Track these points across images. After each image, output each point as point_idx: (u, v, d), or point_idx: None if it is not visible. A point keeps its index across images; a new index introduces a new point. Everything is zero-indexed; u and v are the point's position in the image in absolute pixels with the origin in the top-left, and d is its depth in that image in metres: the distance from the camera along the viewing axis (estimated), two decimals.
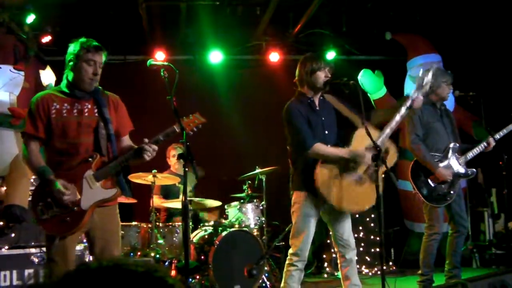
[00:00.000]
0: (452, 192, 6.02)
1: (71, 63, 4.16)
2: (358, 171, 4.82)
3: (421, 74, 5.07)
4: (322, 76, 4.94)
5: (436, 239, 6.18)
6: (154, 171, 6.81)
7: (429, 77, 5.03)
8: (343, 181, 4.79)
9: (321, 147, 4.81)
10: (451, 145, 6.10)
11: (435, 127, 6.01)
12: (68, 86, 4.20)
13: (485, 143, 6.20)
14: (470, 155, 6.19)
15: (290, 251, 4.99)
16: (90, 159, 4.09)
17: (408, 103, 4.94)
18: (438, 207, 6.05)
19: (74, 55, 4.13)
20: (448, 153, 6.10)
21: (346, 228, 4.99)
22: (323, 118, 5.00)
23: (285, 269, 5.02)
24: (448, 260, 6.31)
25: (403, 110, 4.91)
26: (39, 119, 4.12)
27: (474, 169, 6.22)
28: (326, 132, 4.98)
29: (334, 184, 4.77)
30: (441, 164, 6.03)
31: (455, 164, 6.11)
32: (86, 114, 4.15)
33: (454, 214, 6.19)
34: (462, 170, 6.13)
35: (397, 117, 4.90)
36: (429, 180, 6.04)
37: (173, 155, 7.86)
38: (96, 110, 4.19)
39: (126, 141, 4.40)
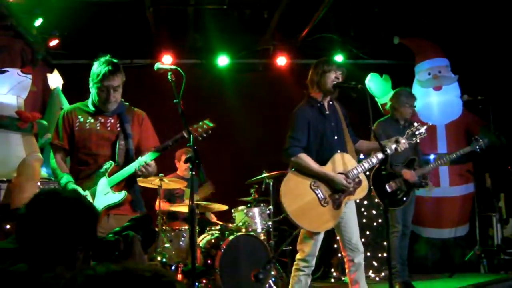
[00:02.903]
0: (405, 199, 6.63)
1: (90, 85, 4.40)
2: (324, 192, 4.84)
3: (416, 125, 5.31)
4: (332, 76, 4.95)
5: (397, 236, 6.71)
6: (161, 174, 6.80)
7: (422, 130, 5.25)
8: (307, 195, 4.82)
9: (304, 158, 4.83)
10: (411, 158, 6.69)
11: None
12: (93, 104, 4.43)
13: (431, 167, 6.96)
14: (425, 170, 6.84)
15: (298, 256, 4.97)
16: (105, 167, 4.30)
17: (393, 147, 5.05)
18: (394, 209, 6.63)
19: (91, 79, 4.37)
20: (408, 165, 6.67)
21: (354, 232, 4.97)
22: (332, 124, 5.01)
23: (292, 274, 5.01)
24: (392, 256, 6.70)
25: (387, 151, 5.00)
26: (64, 131, 4.42)
27: (428, 181, 6.90)
28: (336, 137, 4.99)
29: (297, 196, 4.81)
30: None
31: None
32: (108, 128, 4.39)
33: (403, 218, 6.81)
34: (417, 181, 6.73)
35: (376, 158, 5.01)
36: (387, 187, 6.52)
37: (183, 160, 7.85)
38: (118, 125, 4.40)
39: None
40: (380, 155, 4.95)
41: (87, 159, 4.34)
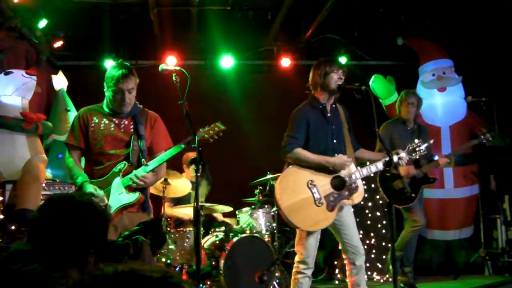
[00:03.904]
0: (413, 195, 6.67)
1: (105, 89, 4.49)
2: (320, 193, 4.83)
3: (417, 142, 5.26)
4: (335, 77, 4.94)
5: (417, 231, 6.89)
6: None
7: (422, 147, 5.20)
8: (302, 193, 4.82)
9: (301, 151, 4.85)
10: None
11: (403, 143, 6.01)
12: (107, 106, 4.53)
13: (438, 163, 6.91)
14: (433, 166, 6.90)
15: (297, 258, 4.95)
16: (119, 167, 4.41)
17: (395, 158, 4.98)
18: (402, 207, 6.76)
19: (105, 83, 4.46)
20: (415, 163, 6.65)
21: (354, 235, 4.96)
22: (333, 126, 5.00)
23: (292, 277, 4.99)
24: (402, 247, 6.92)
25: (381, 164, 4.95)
26: (80, 131, 4.50)
27: (435, 177, 6.96)
28: (335, 141, 4.98)
29: (293, 192, 4.83)
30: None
31: (418, 172, 6.73)
32: (122, 130, 4.49)
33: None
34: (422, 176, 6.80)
35: (376, 167, 4.96)
36: (393, 186, 6.65)
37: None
38: (132, 127, 4.50)
39: None
40: (380, 165, 4.92)
41: (102, 159, 4.44)
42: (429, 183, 6.85)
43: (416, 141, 5.30)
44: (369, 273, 7.75)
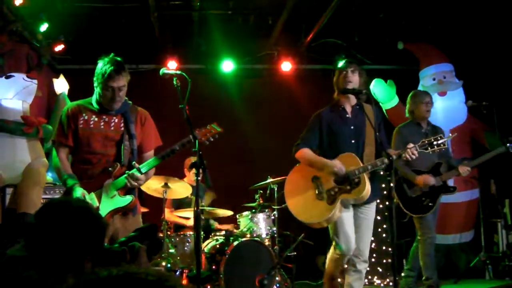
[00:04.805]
0: (431, 204, 6.42)
1: (95, 84, 4.35)
2: (323, 188, 4.98)
3: (437, 136, 5.01)
4: (341, 80, 5.05)
5: (432, 242, 6.47)
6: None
7: (441, 141, 4.95)
8: (306, 188, 5.08)
9: (305, 152, 5.07)
10: (437, 162, 6.47)
11: None
12: (97, 102, 4.39)
13: (458, 171, 6.57)
14: (452, 175, 6.66)
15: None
16: (110, 168, 4.30)
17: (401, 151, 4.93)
18: (420, 216, 6.45)
19: (95, 79, 4.32)
20: (433, 170, 6.48)
21: (363, 238, 5.03)
22: (352, 127, 5.06)
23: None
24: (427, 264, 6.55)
25: (393, 157, 4.77)
26: (68, 128, 4.36)
27: (455, 186, 6.73)
28: (353, 141, 5.05)
29: (297, 187, 5.14)
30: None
31: (437, 180, 6.46)
32: (112, 128, 4.38)
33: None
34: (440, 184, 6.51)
35: (383, 161, 4.86)
36: (409, 192, 6.48)
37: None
38: (122, 125, 4.39)
39: (149, 157, 4.51)
40: (386, 160, 4.87)
41: (91, 158, 4.33)
42: (448, 192, 6.58)
43: (438, 137, 4.98)
44: (369, 277, 7.75)
